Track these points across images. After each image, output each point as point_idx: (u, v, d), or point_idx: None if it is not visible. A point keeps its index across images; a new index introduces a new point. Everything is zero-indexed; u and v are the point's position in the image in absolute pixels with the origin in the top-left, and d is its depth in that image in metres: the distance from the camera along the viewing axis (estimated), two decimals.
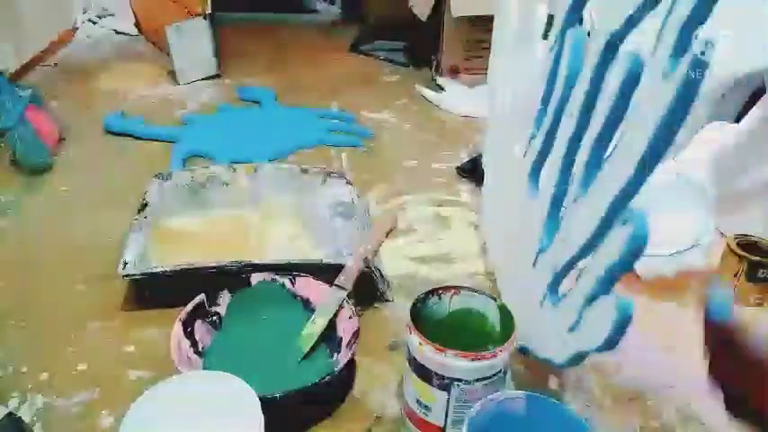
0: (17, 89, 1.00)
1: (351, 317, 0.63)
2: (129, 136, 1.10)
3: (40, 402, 0.59)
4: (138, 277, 0.69)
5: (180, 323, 0.61)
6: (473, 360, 0.51)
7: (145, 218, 0.78)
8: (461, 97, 1.29)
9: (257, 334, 0.65)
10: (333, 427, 0.59)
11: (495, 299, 0.58)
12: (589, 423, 0.47)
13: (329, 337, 0.64)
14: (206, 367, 0.60)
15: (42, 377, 0.62)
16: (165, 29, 1.28)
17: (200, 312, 0.64)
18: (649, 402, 0.63)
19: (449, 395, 0.52)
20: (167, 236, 0.79)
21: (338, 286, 0.66)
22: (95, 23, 1.62)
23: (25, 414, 0.57)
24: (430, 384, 0.53)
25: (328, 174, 0.89)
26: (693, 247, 0.77)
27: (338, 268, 0.68)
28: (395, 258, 0.81)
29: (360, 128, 1.18)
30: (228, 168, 0.89)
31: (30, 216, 0.88)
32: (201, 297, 0.64)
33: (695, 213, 0.78)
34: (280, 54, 1.53)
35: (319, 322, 0.64)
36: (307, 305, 0.68)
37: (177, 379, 0.49)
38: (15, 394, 0.60)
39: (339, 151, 1.09)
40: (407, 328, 0.54)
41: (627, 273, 0.45)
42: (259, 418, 0.45)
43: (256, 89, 1.31)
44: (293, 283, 0.68)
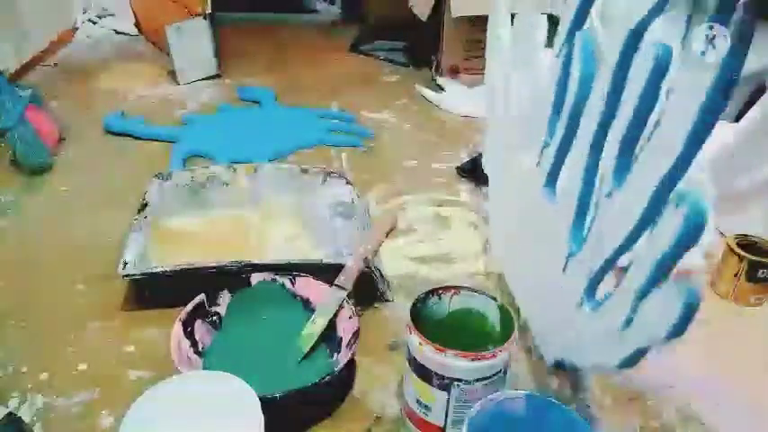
0: (17, 89, 1.00)
1: (351, 317, 0.63)
2: (129, 136, 1.10)
3: (40, 402, 0.59)
4: (138, 277, 0.69)
5: (180, 323, 0.61)
6: (473, 360, 0.51)
7: (145, 218, 0.78)
8: (461, 97, 1.29)
9: (257, 334, 0.65)
10: (333, 427, 0.59)
11: (495, 299, 0.58)
12: (589, 423, 0.47)
13: (329, 337, 0.64)
14: (206, 367, 0.60)
15: (42, 377, 0.62)
16: (165, 29, 1.28)
17: (200, 312, 0.64)
18: (649, 402, 0.63)
19: (449, 395, 0.52)
20: (167, 236, 0.79)
21: (338, 286, 0.66)
22: (95, 23, 1.62)
23: (25, 414, 0.57)
24: (430, 384, 0.53)
25: (328, 174, 0.89)
26: (693, 247, 0.76)
27: (338, 268, 0.68)
28: (395, 258, 0.81)
29: (360, 128, 1.18)
30: (228, 168, 0.89)
31: (30, 216, 0.88)
32: (201, 297, 0.64)
33: None
34: (280, 54, 1.53)
35: (319, 322, 0.64)
36: (307, 305, 0.68)
37: (177, 379, 0.49)
38: (15, 394, 0.60)
39: (339, 151, 1.09)
40: (407, 328, 0.54)
41: (681, 258, 0.44)
42: (259, 418, 0.45)
43: (256, 89, 1.31)
44: (293, 283, 0.68)
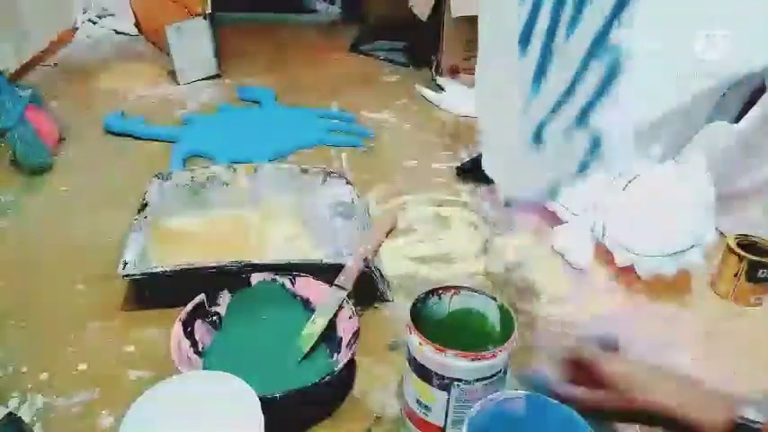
0: (17, 89, 1.00)
1: (351, 317, 0.63)
2: (129, 136, 1.10)
3: (40, 402, 0.59)
4: (138, 277, 0.69)
5: (180, 323, 0.61)
6: (473, 360, 0.51)
7: (145, 218, 0.78)
8: (461, 97, 1.29)
9: (257, 334, 0.65)
10: (333, 427, 0.59)
11: (495, 299, 0.58)
12: (588, 423, 0.47)
13: (329, 337, 0.64)
14: (206, 367, 0.60)
15: (42, 377, 0.62)
16: (165, 29, 1.28)
17: (200, 312, 0.64)
18: None
19: (449, 395, 0.52)
20: (167, 236, 0.79)
21: (338, 286, 0.66)
22: (95, 23, 1.62)
23: (25, 414, 0.57)
24: (430, 384, 0.53)
25: (328, 174, 0.89)
26: (693, 247, 0.77)
27: (338, 268, 0.68)
28: (395, 258, 0.81)
29: (360, 128, 1.18)
30: (228, 168, 0.89)
31: (30, 216, 0.88)
32: (201, 297, 0.64)
33: (695, 213, 0.78)
34: (280, 54, 1.53)
35: (319, 322, 0.64)
36: (307, 305, 0.68)
37: (177, 379, 0.49)
38: (15, 394, 0.60)
39: (339, 151, 1.09)
40: (407, 328, 0.54)
41: (599, 103, 0.44)
42: (259, 418, 0.45)
43: (256, 89, 1.30)
44: (293, 283, 0.68)
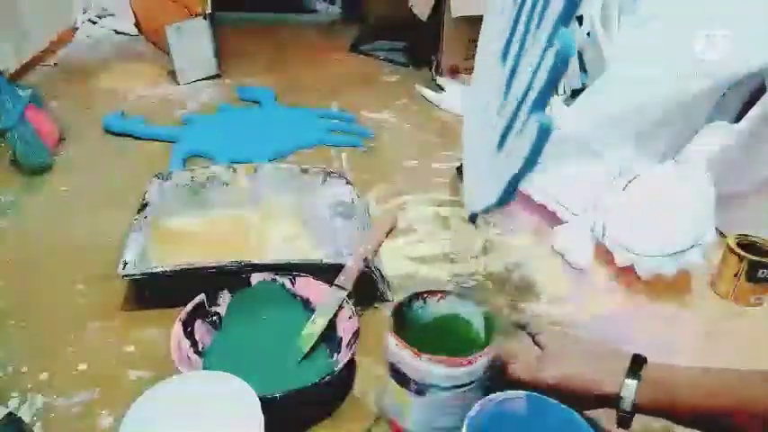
0: (17, 89, 1.00)
1: (351, 317, 0.63)
2: (129, 136, 1.10)
3: (40, 402, 0.59)
4: (138, 277, 0.69)
5: (180, 323, 0.61)
6: (449, 366, 0.49)
7: (145, 218, 0.78)
8: (461, 97, 1.29)
9: (257, 334, 0.65)
10: (333, 427, 0.59)
11: (480, 306, 0.56)
12: (589, 423, 0.47)
13: (329, 337, 0.64)
14: (206, 367, 0.60)
15: (42, 377, 0.62)
16: (165, 29, 1.28)
17: (200, 312, 0.64)
18: None
19: (425, 401, 0.51)
20: (167, 236, 0.79)
21: (338, 286, 0.66)
22: (95, 23, 1.62)
23: (25, 414, 0.57)
24: (407, 389, 0.52)
25: (328, 174, 0.89)
26: (693, 247, 0.77)
27: (338, 268, 0.68)
28: (395, 258, 0.81)
29: (360, 128, 1.18)
30: (228, 168, 0.89)
31: (30, 216, 0.88)
32: (202, 297, 0.64)
33: (695, 213, 0.78)
34: (280, 54, 1.53)
35: (319, 322, 0.64)
36: (307, 305, 0.68)
37: (177, 379, 0.49)
38: (15, 394, 0.60)
39: (339, 151, 1.09)
40: (387, 332, 0.53)
41: (553, 91, 0.44)
42: (259, 418, 0.45)
43: (256, 89, 1.30)
44: (293, 283, 0.68)
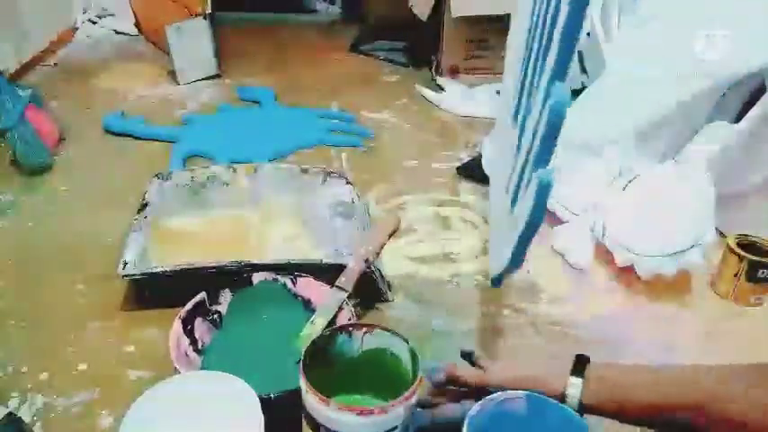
0: (17, 89, 1.00)
1: (350, 318, 0.63)
2: (129, 136, 1.10)
3: (40, 402, 0.59)
4: (138, 277, 0.69)
5: (179, 321, 0.61)
6: (359, 415, 0.44)
7: (145, 218, 0.78)
8: (461, 97, 1.29)
9: (257, 333, 0.65)
10: None
11: (407, 340, 0.50)
12: (589, 423, 0.47)
13: None
14: (205, 366, 0.60)
15: (42, 377, 0.62)
16: (165, 29, 1.28)
17: (200, 310, 0.64)
18: None
19: None
20: (167, 236, 0.79)
21: (339, 287, 0.66)
22: (95, 23, 1.62)
23: (25, 414, 0.57)
24: None
25: (328, 174, 0.89)
26: (693, 248, 0.77)
27: (338, 268, 0.68)
28: (395, 258, 0.81)
29: (360, 128, 1.18)
30: (228, 168, 0.89)
31: (30, 216, 0.88)
32: (203, 295, 0.64)
33: (695, 213, 0.78)
34: (280, 54, 1.53)
35: (319, 323, 0.64)
36: (307, 305, 0.67)
37: (177, 379, 0.49)
38: (15, 394, 0.60)
39: (339, 151, 1.09)
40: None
41: (553, 147, 0.44)
42: (259, 418, 0.45)
43: (256, 89, 1.30)
44: (294, 284, 0.68)
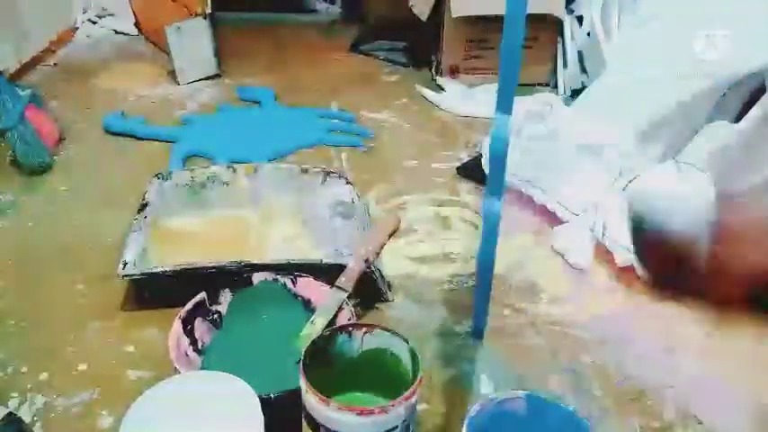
0: (17, 89, 1.00)
1: (350, 318, 0.63)
2: (129, 136, 1.10)
3: (40, 402, 0.59)
4: (138, 277, 0.69)
5: (179, 321, 0.61)
6: (359, 415, 0.44)
7: (145, 218, 0.78)
8: (461, 97, 1.29)
9: (257, 333, 0.65)
10: None
11: (407, 340, 0.50)
12: (589, 423, 0.47)
13: None
14: (205, 366, 0.60)
15: (42, 377, 0.62)
16: (165, 29, 1.28)
17: (200, 310, 0.64)
18: (649, 402, 0.63)
19: None
20: (167, 236, 0.79)
21: (339, 287, 0.66)
22: (95, 23, 1.62)
23: (25, 414, 0.57)
24: None
25: (328, 174, 0.89)
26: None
27: (338, 268, 0.68)
28: (395, 258, 0.81)
29: (360, 128, 1.18)
30: (228, 168, 0.89)
31: (30, 216, 0.88)
32: (203, 295, 0.64)
33: (695, 213, 0.78)
34: (280, 54, 1.53)
35: (319, 323, 0.64)
36: (307, 306, 0.67)
37: (177, 379, 0.49)
38: (15, 394, 0.60)
39: (339, 151, 1.09)
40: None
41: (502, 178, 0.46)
42: (259, 418, 0.45)
43: (256, 89, 1.30)
44: (294, 284, 0.68)
